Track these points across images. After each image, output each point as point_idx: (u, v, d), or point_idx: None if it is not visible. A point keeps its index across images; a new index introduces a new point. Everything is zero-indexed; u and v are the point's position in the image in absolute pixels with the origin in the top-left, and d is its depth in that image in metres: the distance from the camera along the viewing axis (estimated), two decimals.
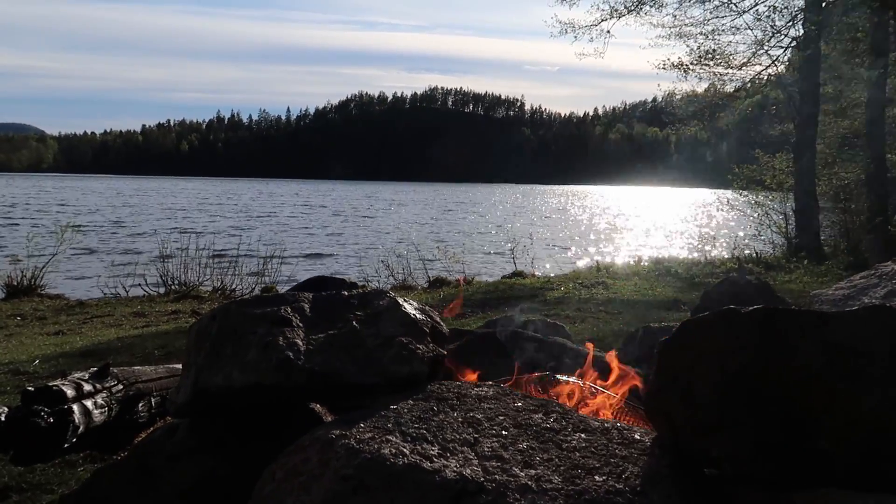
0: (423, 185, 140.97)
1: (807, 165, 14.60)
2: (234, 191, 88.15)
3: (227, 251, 13.50)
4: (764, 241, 16.53)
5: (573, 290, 9.52)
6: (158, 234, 13.14)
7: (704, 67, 15.15)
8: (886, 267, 2.80)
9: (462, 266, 13.89)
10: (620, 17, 15.39)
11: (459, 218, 44.75)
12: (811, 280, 10.80)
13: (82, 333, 7.69)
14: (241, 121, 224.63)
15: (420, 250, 14.45)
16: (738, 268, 12.86)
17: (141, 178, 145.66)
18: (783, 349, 1.67)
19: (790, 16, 14.98)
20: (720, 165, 31.45)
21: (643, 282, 10.54)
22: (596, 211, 58.94)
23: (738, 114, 16.80)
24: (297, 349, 2.20)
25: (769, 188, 16.39)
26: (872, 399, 1.60)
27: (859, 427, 1.60)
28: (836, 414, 1.61)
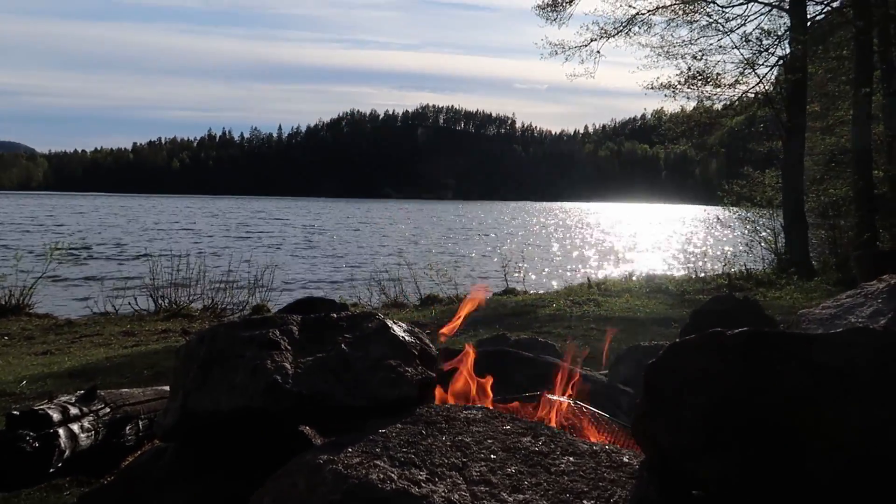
0: (416, 203, 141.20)
1: (795, 182, 14.73)
2: (226, 209, 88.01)
3: (218, 269, 13.45)
4: (754, 257, 16.64)
5: (564, 307, 9.53)
6: (149, 253, 13.10)
7: (692, 87, 15.33)
8: (872, 286, 2.83)
9: (454, 283, 13.88)
10: (610, 37, 15.58)
11: (451, 235, 44.81)
12: (800, 296, 10.85)
13: (70, 353, 7.62)
14: (232, 139, 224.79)
15: (411, 268, 14.45)
16: (728, 283, 12.94)
17: (131, 197, 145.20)
18: (769, 371, 1.68)
19: (777, 35, 15.21)
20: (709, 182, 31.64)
21: (634, 298, 10.56)
22: (587, 227, 59.16)
23: (726, 132, 16.96)
24: (286, 372, 2.20)
25: (758, 205, 16.54)
26: (857, 420, 1.61)
27: (845, 449, 1.61)
28: (822, 436, 1.62)
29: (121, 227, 42.45)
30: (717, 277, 14.19)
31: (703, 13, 15.43)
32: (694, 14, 15.41)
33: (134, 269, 18.99)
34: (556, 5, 15.41)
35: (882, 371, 1.62)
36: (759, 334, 1.73)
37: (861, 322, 2.59)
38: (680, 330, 3.58)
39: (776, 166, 16.35)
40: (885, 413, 1.59)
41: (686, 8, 15.35)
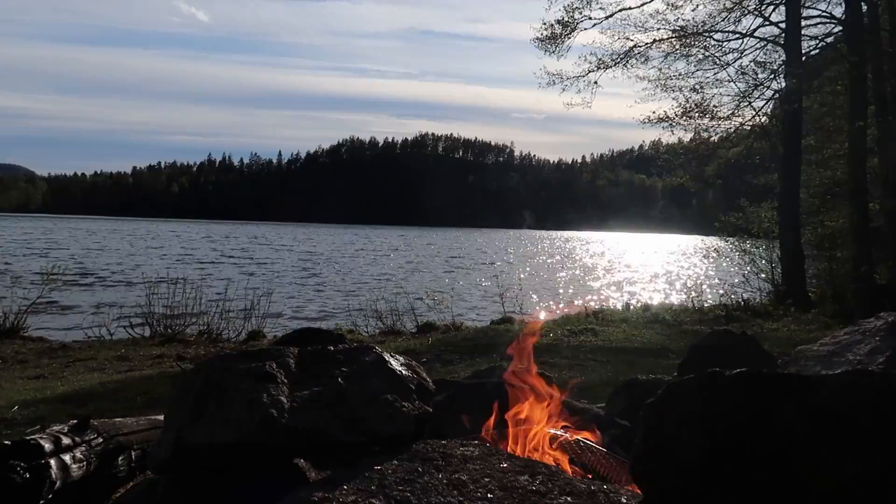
0: (414, 230, 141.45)
1: (791, 214, 14.81)
2: (224, 234, 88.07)
3: (215, 294, 13.40)
4: (751, 287, 16.65)
5: (562, 337, 9.51)
6: (145, 277, 13.05)
7: (689, 119, 15.48)
8: (870, 323, 2.82)
9: (450, 311, 13.84)
10: (607, 69, 15.77)
11: (449, 262, 44.80)
12: (798, 328, 10.85)
13: (64, 378, 7.56)
14: (232, 164, 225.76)
15: (408, 295, 14.42)
16: (725, 314, 12.93)
17: (130, 220, 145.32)
18: (768, 413, 1.67)
19: (772, 69, 15.42)
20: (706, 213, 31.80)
21: (632, 328, 10.55)
22: (585, 256, 59.22)
23: (722, 163, 17.09)
24: (282, 406, 2.18)
25: (755, 236, 16.60)
26: (856, 464, 1.59)
27: (844, 492, 1.59)
28: (821, 479, 1.60)
29: (117, 251, 42.39)
30: (714, 308, 14.19)
31: (699, 47, 15.67)
32: (690, 48, 15.63)
33: (130, 293, 18.92)
34: (555, 38, 15.62)
35: (881, 415, 1.61)
36: (758, 375, 1.72)
37: (859, 359, 2.58)
38: (678, 364, 3.57)
39: (772, 198, 16.45)
40: (885, 458, 1.57)
41: (683, 42, 15.57)
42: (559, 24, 15.56)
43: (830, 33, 15.83)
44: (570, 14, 15.45)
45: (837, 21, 15.01)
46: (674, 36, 15.62)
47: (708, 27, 15.62)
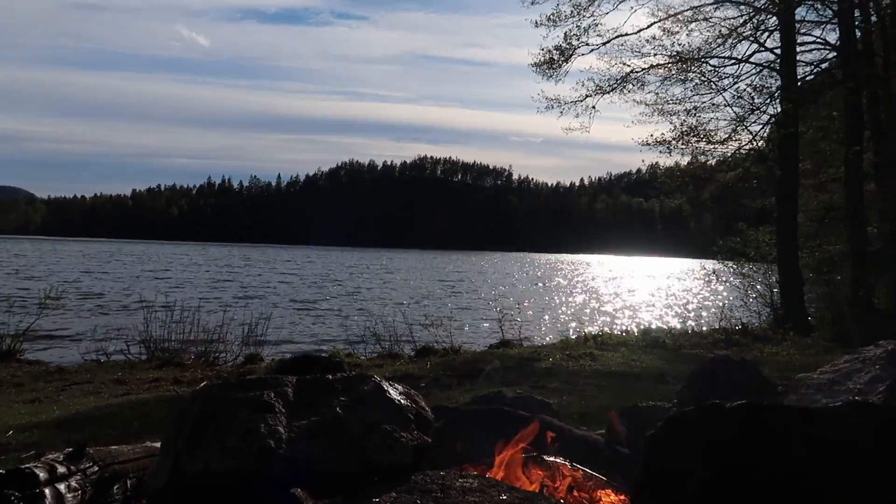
0: (413, 253, 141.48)
1: (789, 238, 14.84)
2: (222, 256, 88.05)
3: (212, 317, 13.36)
4: (750, 311, 16.63)
5: (561, 361, 9.46)
6: (143, 300, 13.03)
7: (686, 143, 15.56)
8: (869, 351, 2.82)
9: (449, 334, 13.79)
10: (605, 94, 15.88)
11: (448, 285, 44.74)
12: (797, 353, 10.81)
13: (59, 402, 7.51)
14: (231, 186, 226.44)
15: (407, 317, 14.37)
16: (725, 338, 12.89)
17: (128, 243, 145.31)
18: (769, 445, 1.66)
19: (768, 94, 15.53)
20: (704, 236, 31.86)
21: (631, 353, 10.51)
22: (583, 279, 59.18)
23: (720, 187, 17.16)
24: (279, 437, 2.16)
25: (753, 260, 16.61)
26: (857, 495, 1.58)
27: None
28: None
29: (115, 274, 42.33)
30: (713, 332, 14.16)
31: (695, 72, 15.80)
32: (687, 73, 15.77)
33: (127, 316, 18.85)
34: (553, 63, 15.75)
35: (882, 446, 1.60)
36: (759, 407, 1.71)
37: (859, 388, 2.57)
38: (678, 391, 3.55)
39: (770, 222, 16.49)
40: (886, 488, 1.56)
41: (679, 67, 15.72)
42: (557, 50, 15.71)
43: (825, 59, 16.00)
44: (568, 41, 15.62)
45: (832, 47, 15.18)
46: (670, 61, 15.76)
47: (704, 53, 15.78)
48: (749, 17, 15.68)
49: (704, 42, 15.77)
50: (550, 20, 15.59)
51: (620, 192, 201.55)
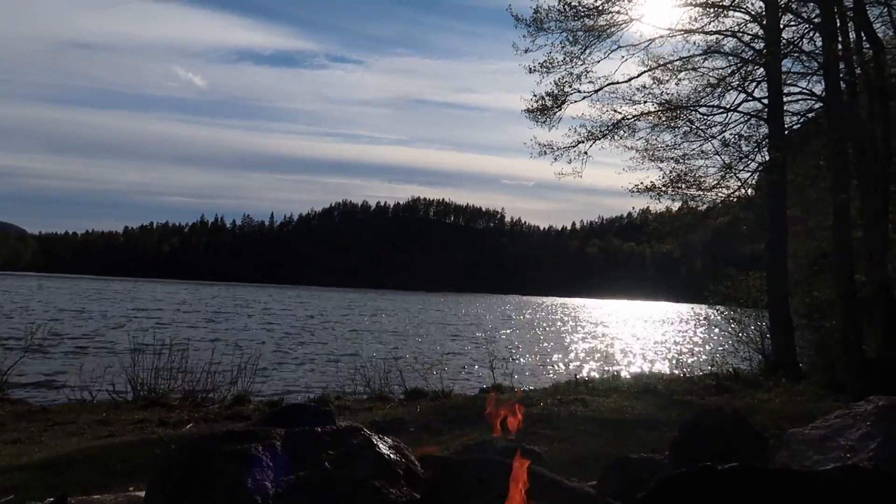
0: (405, 294, 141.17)
1: (779, 284, 14.92)
2: (214, 295, 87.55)
3: (201, 355, 13.23)
4: (742, 356, 16.60)
5: (552, 407, 9.38)
6: (130, 339, 12.88)
7: (676, 189, 15.74)
8: (860, 406, 2.82)
9: (440, 377, 13.69)
10: (596, 140, 16.10)
11: (439, 327, 44.55)
12: (789, 400, 10.76)
13: (42, 443, 7.37)
14: (224, 225, 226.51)
15: (397, 360, 14.29)
16: (716, 384, 12.83)
17: (119, 280, 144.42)
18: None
19: (756, 142, 15.77)
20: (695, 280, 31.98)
21: (622, 398, 10.43)
22: (575, 323, 59.07)
23: (710, 232, 17.31)
24: (266, 492, 2.12)
25: (744, 305, 16.64)
26: None
27: None
28: None
29: (102, 312, 41.97)
30: (705, 377, 14.09)
31: (684, 120, 16.07)
32: (676, 120, 16.04)
33: (113, 355, 18.64)
34: (546, 109, 15.99)
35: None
36: (750, 470, 1.70)
37: (851, 445, 2.56)
38: (670, 444, 3.51)
39: (761, 267, 16.58)
40: None
41: (669, 115, 16.00)
42: (550, 96, 15.97)
43: (812, 109, 16.30)
44: (561, 87, 15.90)
45: (818, 98, 15.50)
46: (660, 109, 16.04)
47: (693, 101, 16.08)
48: (737, 67, 16.05)
49: (693, 91, 16.10)
50: (543, 67, 15.91)
51: (612, 235, 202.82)
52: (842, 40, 14.41)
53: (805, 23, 15.28)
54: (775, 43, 14.71)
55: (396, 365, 13.48)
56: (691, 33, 15.94)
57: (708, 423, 3.25)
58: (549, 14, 15.46)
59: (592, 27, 15.61)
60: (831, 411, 3.13)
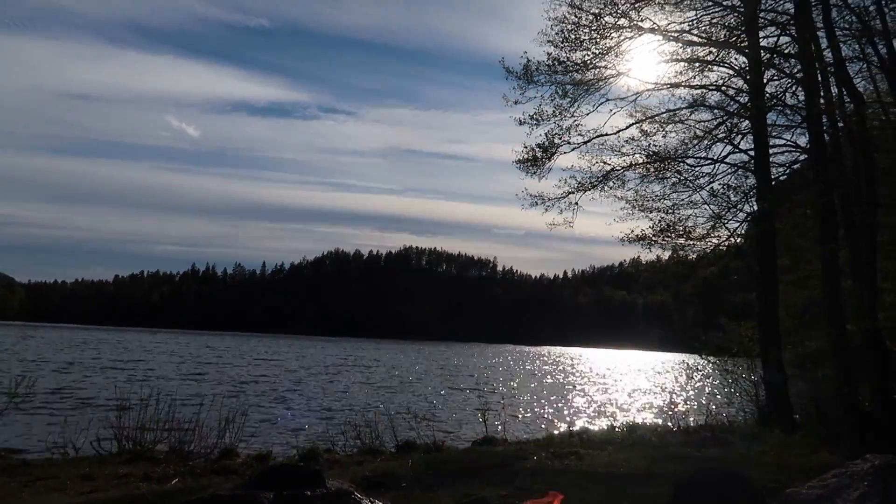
0: (398, 343, 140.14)
1: (770, 334, 14.91)
2: (204, 345, 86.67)
3: (188, 407, 13.00)
4: (736, 407, 16.46)
5: (546, 461, 9.24)
6: (116, 390, 12.67)
7: (666, 239, 15.86)
8: (857, 465, 2.79)
9: (431, 429, 13.49)
10: (587, 190, 16.29)
11: (432, 377, 44.11)
12: (785, 452, 10.64)
13: (22, 499, 7.17)
14: (215, 273, 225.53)
15: (388, 411, 14.10)
16: (712, 436, 12.69)
17: (109, 329, 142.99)
18: None
19: (744, 192, 15.99)
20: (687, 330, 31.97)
21: (617, 451, 10.30)
22: (568, 373, 58.62)
23: (700, 281, 17.37)
24: None
25: (736, 355, 16.58)
26: None
27: None
28: None
29: (87, 362, 41.42)
30: (699, 429, 13.96)
31: (673, 171, 16.31)
32: (665, 172, 16.28)
33: (98, 407, 18.30)
34: (537, 161, 16.22)
35: None
36: None
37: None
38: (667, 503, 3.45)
39: (752, 317, 16.59)
40: None
41: (657, 166, 16.24)
42: (540, 148, 16.22)
43: (797, 160, 16.60)
44: (551, 140, 16.16)
45: (802, 150, 15.81)
46: (648, 161, 16.29)
47: (680, 153, 16.34)
48: (722, 120, 16.39)
49: (681, 143, 16.39)
50: (533, 119, 16.20)
51: (604, 284, 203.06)
52: (824, 94, 14.81)
53: (788, 77, 15.70)
54: (759, 97, 15.08)
55: (388, 416, 13.28)
56: (677, 87, 16.34)
57: (703, 480, 3.20)
58: (539, 68, 15.84)
59: (581, 81, 15.97)
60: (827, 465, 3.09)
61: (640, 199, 16.26)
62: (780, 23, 15.82)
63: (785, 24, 15.66)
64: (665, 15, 15.67)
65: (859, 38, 15.63)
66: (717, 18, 16.16)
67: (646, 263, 18.30)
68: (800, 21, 14.72)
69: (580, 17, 15.55)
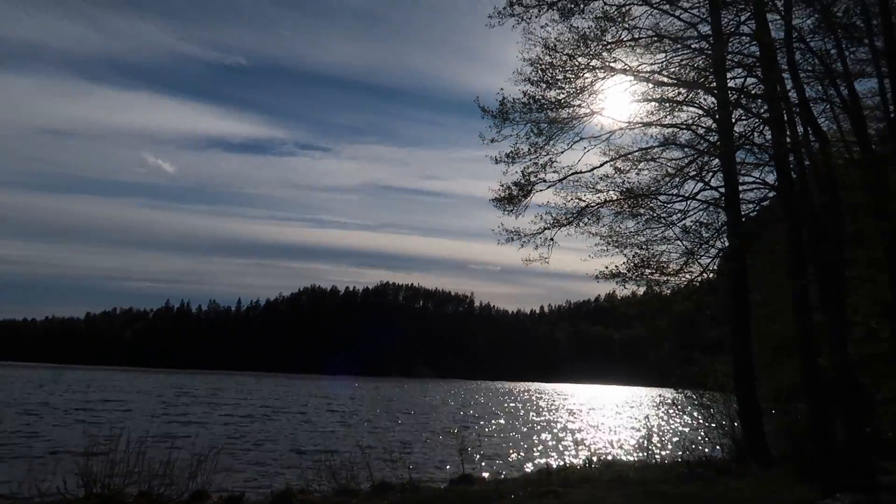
0: (375, 381, 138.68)
1: (744, 368, 15.02)
2: (176, 384, 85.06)
3: (160, 449, 12.69)
4: (712, 442, 16.47)
5: (523, 500, 9.16)
6: (84, 431, 12.33)
7: (640, 274, 16.01)
8: None
9: (408, 467, 13.32)
10: (562, 226, 16.43)
11: (409, 415, 43.62)
12: (761, 487, 10.66)
13: None
14: (189, 310, 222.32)
15: (364, 450, 13.89)
16: (689, 472, 12.67)
17: (78, 368, 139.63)
18: None
19: (715, 229, 16.25)
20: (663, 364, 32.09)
21: (594, 489, 10.24)
22: (547, 409, 58.36)
23: (675, 317, 17.49)
24: None
25: (711, 389, 16.65)
26: None
27: None
28: None
29: (52, 403, 40.37)
30: (676, 465, 13.96)
31: (646, 208, 16.54)
32: (638, 208, 16.51)
33: (66, 449, 17.80)
34: (513, 198, 16.36)
35: None
36: None
37: None
38: None
39: (727, 351, 16.71)
40: None
41: (630, 203, 16.47)
42: (516, 186, 16.36)
43: (766, 197, 16.96)
44: (527, 177, 16.33)
45: (771, 187, 16.17)
46: (622, 197, 16.51)
47: (653, 190, 16.59)
48: (693, 158, 16.73)
49: (653, 180, 16.66)
50: (509, 157, 16.38)
51: (580, 319, 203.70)
52: (790, 134, 15.23)
53: (755, 117, 16.13)
54: (728, 136, 15.44)
55: (364, 454, 13.08)
56: (649, 126, 16.68)
57: None
58: (515, 106, 16.07)
59: (556, 119, 16.24)
60: (803, 501, 3.10)
61: (615, 235, 16.44)
62: (746, 65, 16.31)
63: (751, 66, 16.14)
64: (636, 57, 16.08)
65: (822, 80, 16.18)
66: (687, 60, 16.62)
67: (621, 298, 18.42)
68: (765, 63, 15.20)
69: (554, 57, 15.88)
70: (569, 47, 15.75)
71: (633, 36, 15.79)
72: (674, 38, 16.03)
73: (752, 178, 16.68)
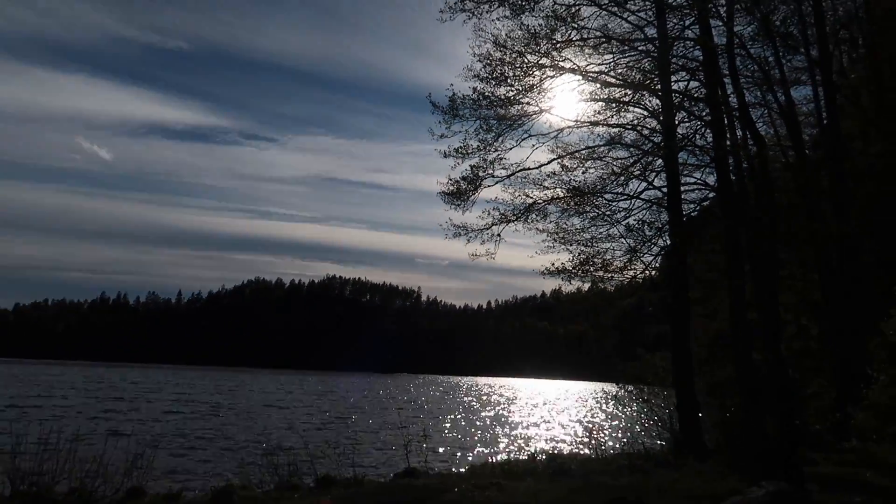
0: (319, 375, 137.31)
1: (683, 364, 15.46)
2: (111, 378, 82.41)
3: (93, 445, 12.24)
4: (652, 435, 16.91)
5: (467, 492, 9.21)
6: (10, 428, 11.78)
7: (585, 271, 16.29)
8: (752, 492, 2.94)
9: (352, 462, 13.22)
10: (509, 222, 16.58)
11: (354, 409, 43.36)
12: (696, 479, 11.00)
13: None
14: (127, 302, 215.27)
15: (308, 444, 13.75)
16: (629, 464, 12.99)
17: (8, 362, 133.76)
18: None
19: (657, 228, 16.64)
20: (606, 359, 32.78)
21: (537, 482, 10.38)
22: (493, 403, 58.88)
23: (618, 313, 17.88)
24: None
25: (652, 384, 17.08)
26: None
27: None
28: None
29: None
30: (618, 457, 14.27)
31: (592, 205, 16.83)
32: (584, 206, 16.78)
33: None
34: (461, 193, 16.42)
35: None
36: None
37: None
38: None
39: (667, 347, 17.17)
40: None
41: (577, 200, 16.73)
42: (465, 180, 16.44)
43: (707, 198, 17.47)
44: (476, 172, 16.41)
45: (711, 188, 16.67)
46: (569, 195, 16.76)
47: (599, 188, 16.89)
48: (638, 158, 17.10)
49: (599, 178, 16.96)
50: (459, 152, 16.42)
51: (526, 315, 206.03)
52: (730, 137, 15.73)
53: (697, 120, 16.58)
54: (671, 138, 15.82)
55: (307, 449, 12.93)
56: (596, 125, 16.95)
57: None
58: (465, 102, 16.12)
59: (505, 116, 16.35)
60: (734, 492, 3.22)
61: (561, 232, 16.68)
62: (690, 68, 16.75)
63: (695, 70, 16.59)
64: (584, 57, 16.32)
65: (761, 86, 16.76)
66: (633, 62, 16.95)
67: (567, 295, 18.70)
68: (707, 67, 15.65)
69: (504, 54, 15.99)
70: (519, 45, 15.87)
71: (582, 36, 16.02)
72: (621, 39, 16.32)
73: (693, 179, 17.14)
